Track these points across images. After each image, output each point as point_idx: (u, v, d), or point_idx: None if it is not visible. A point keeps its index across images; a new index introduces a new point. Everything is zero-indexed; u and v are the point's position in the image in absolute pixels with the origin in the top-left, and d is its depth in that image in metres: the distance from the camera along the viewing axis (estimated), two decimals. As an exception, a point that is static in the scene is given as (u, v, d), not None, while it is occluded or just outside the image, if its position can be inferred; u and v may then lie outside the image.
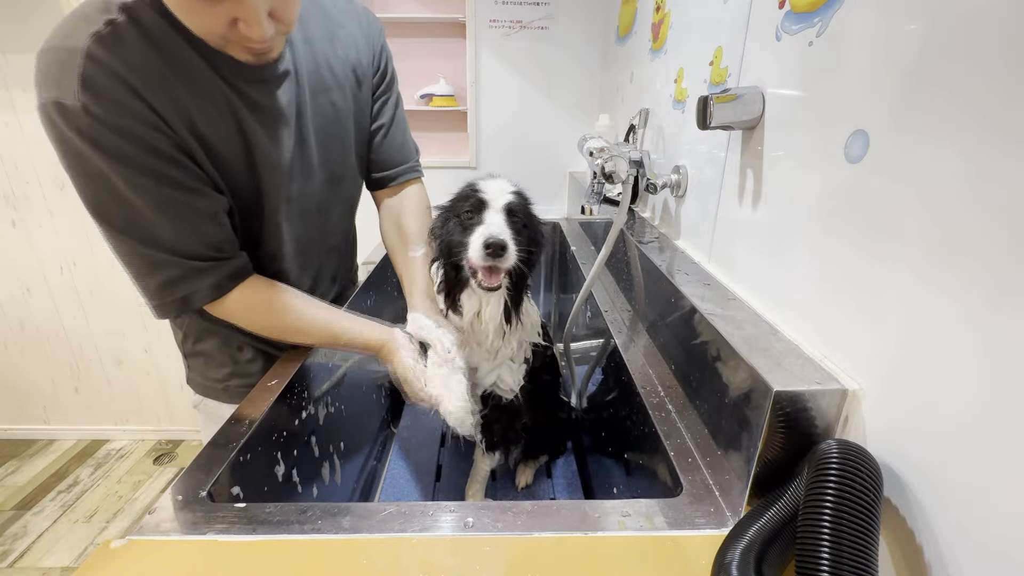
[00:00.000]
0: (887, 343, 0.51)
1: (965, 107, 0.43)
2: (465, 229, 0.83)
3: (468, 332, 0.91)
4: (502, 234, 0.78)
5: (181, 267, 0.73)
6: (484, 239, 0.77)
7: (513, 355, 0.95)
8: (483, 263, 0.79)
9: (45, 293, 2.31)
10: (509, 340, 0.92)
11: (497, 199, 0.84)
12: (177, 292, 0.74)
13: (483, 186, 0.86)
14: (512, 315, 0.90)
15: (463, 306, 0.88)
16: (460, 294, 0.88)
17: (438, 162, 2.11)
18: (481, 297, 0.86)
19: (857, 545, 0.42)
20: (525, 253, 0.82)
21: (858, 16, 0.56)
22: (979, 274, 0.42)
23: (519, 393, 0.96)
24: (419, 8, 1.93)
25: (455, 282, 0.88)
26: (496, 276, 0.80)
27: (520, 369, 0.96)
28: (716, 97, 0.75)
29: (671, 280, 0.88)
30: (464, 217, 0.84)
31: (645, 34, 1.38)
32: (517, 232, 0.82)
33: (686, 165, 1.05)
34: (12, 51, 1.89)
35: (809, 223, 0.64)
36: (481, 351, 0.92)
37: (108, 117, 0.63)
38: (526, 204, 0.88)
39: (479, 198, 0.84)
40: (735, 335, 0.67)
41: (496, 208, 0.83)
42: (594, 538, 0.57)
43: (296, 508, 0.60)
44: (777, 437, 0.57)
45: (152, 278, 0.73)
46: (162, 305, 0.76)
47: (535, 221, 0.89)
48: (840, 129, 0.58)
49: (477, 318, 0.89)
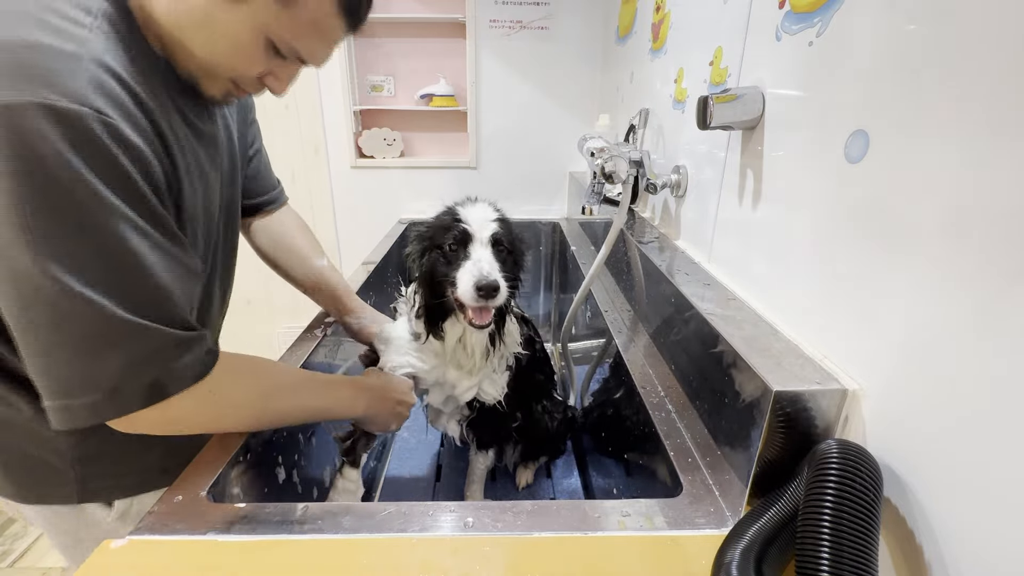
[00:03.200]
0: (887, 343, 0.51)
1: (965, 107, 0.43)
2: (450, 263, 0.79)
3: (449, 356, 0.89)
4: (492, 274, 0.74)
5: (162, 339, 0.55)
6: (475, 281, 0.74)
7: (495, 367, 0.94)
8: (474, 304, 0.75)
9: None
10: (492, 358, 0.91)
11: (483, 230, 0.79)
12: (148, 374, 0.54)
13: (465, 215, 0.81)
14: (496, 338, 0.88)
15: (446, 333, 0.86)
16: (443, 322, 0.85)
17: (438, 162, 2.11)
18: (466, 327, 0.83)
19: (857, 545, 0.42)
20: (511, 283, 0.80)
21: (858, 16, 0.56)
22: (979, 274, 0.42)
23: (502, 400, 0.95)
24: (419, 8, 1.93)
25: (437, 310, 0.84)
26: (487, 314, 0.78)
27: (502, 377, 0.95)
28: (716, 97, 0.75)
29: (671, 280, 0.88)
30: (448, 248, 0.80)
31: (645, 34, 1.38)
32: (503, 263, 0.80)
33: (686, 165, 1.05)
34: (12, 51, 1.89)
35: (809, 223, 0.64)
36: (461, 372, 0.91)
37: (119, 131, 0.50)
38: (509, 230, 0.84)
39: (463, 229, 0.79)
40: (735, 335, 0.67)
41: (482, 240, 0.79)
42: (594, 538, 0.57)
43: (296, 508, 0.60)
44: (777, 437, 0.57)
45: (113, 356, 0.52)
46: (115, 396, 0.53)
47: (518, 243, 0.86)
48: (840, 129, 0.58)
49: (459, 343, 0.87)
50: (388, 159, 2.10)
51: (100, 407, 0.53)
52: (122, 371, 0.53)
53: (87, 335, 0.51)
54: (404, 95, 2.07)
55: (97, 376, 0.53)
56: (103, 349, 0.52)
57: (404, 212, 2.13)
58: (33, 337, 0.51)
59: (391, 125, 2.08)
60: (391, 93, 2.07)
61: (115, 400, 0.54)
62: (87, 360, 0.52)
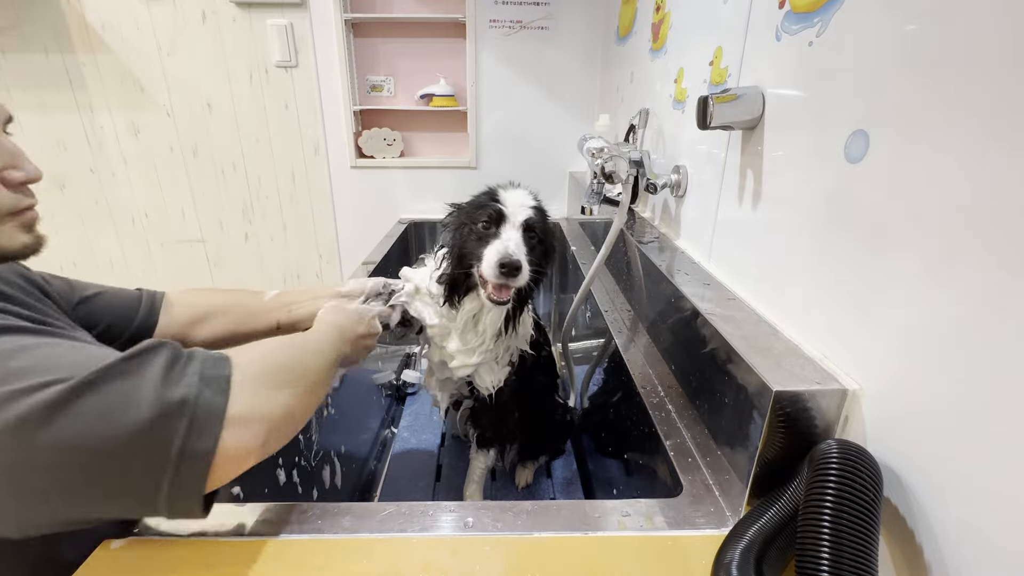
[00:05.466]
0: (887, 343, 0.51)
1: (965, 107, 0.43)
2: (480, 239, 0.82)
3: (458, 328, 0.90)
4: (517, 254, 0.77)
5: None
6: (499, 257, 0.76)
7: (498, 357, 0.95)
8: (495, 280, 0.78)
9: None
10: (498, 344, 0.92)
11: (517, 214, 0.83)
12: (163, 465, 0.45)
13: (504, 197, 0.84)
14: (511, 324, 0.90)
15: (463, 306, 0.88)
16: (464, 295, 0.88)
17: (438, 162, 2.11)
18: (484, 303, 0.85)
19: (857, 545, 0.42)
20: (536, 271, 0.83)
21: (858, 16, 0.56)
22: (979, 274, 0.42)
23: (494, 393, 0.96)
24: (419, 8, 1.93)
25: (461, 282, 0.87)
26: (506, 292, 0.81)
27: (503, 371, 0.96)
28: (716, 97, 0.75)
29: (671, 280, 0.88)
30: (481, 226, 0.83)
31: (645, 34, 1.38)
32: (531, 249, 0.82)
33: (686, 165, 1.05)
34: (12, 51, 1.89)
35: (809, 223, 0.64)
36: (464, 349, 0.92)
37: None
38: (544, 219, 0.87)
39: (499, 209, 0.83)
40: (735, 335, 0.67)
41: (515, 223, 0.82)
42: (594, 538, 0.57)
43: (296, 508, 0.60)
44: (777, 437, 0.57)
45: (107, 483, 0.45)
46: (170, 507, 0.46)
47: (550, 235, 0.89)
48: (840, 129, 0.58)
49: (472, 319, 0.89)
50: (388, 159, 2.10)
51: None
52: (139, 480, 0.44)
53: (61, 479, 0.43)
54: (404, 95, 2.07)
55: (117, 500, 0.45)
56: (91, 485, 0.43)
57: (404, 212, 2.13)
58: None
59: (391, 125, 2.08)
60: (391, 93, 2.07)
61: (176, 510, 0.46)
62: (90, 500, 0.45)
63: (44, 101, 1.95)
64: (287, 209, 2.17)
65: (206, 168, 2.09)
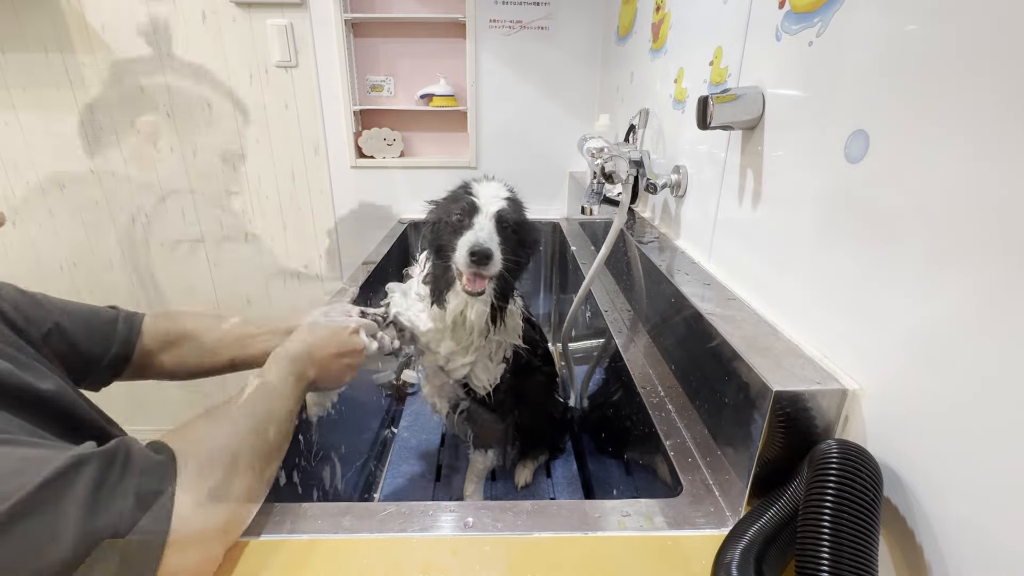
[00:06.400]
0: (887, 343, 0.51)
1: (965, 107, 0.43)
2: (455, 232, 0.83)
3: (449, 327, 0.90)
4: (488, 243, 0.78)
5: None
6: (470, 247, 0.77)
7: (492, 354, 0.95)
8: (468, 269, 0.79)
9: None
10: (490, 340, 0.92)
11: (489, 205, 0.84)
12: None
13: (476, 189, 0.86)
14: (497, 317, 0.90)
15: (448, 303, 0.88)
16: (447, 291, 0.88)
17: (438, 162, 2.11)
18: (467, 298, 0.86)
19: (857, 545, 0.42)
20: (512, 261, 0.83)
21: (858, 16, 0.56)
22: (980, 274, 0.42)
23: (491, 392, 0.96)
24: (419, 8, 1.93)
25: (443, 279, 0.88)
26: (480, 282, 0.81)
27: (498, 368, 0.96)
28: (716, 97, 0.75)
29: (671, 280, 0.88)
30: (455, 219, 0.84)
31: (645, 34, 1.38)
32: (505, 239, 0.83)
33: (686, 165, 1.05)
34: (12, 51, 1.89)
35: (809, 223, 0.64)
36: (458, 348, 0.92)
37: None
38: (518, 210, 0.88)
39: (471, 201, 0.84)
40: (735, 335, 0.67)
41: (487, 214, 0.83)
42: (594, 538, 0.57)
43: (296, 508, 0.60)
44: (777, 437, 0.57)
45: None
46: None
47: (526, 227, 0.89)
48: (840, 129, 0.58)
49: (460, 316, 0.89)
50: (388, 159, 2.10)
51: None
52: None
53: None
54: (404, 95, 2.07)
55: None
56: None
57: (404, 212, 2.13)
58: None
59: (391, 125, 2.08)
60: (391, 93, 2.07)
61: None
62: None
63: (44, 101, 1.95)
64: (287, 209, 2.17)
65: (206, 168, 2.09)
